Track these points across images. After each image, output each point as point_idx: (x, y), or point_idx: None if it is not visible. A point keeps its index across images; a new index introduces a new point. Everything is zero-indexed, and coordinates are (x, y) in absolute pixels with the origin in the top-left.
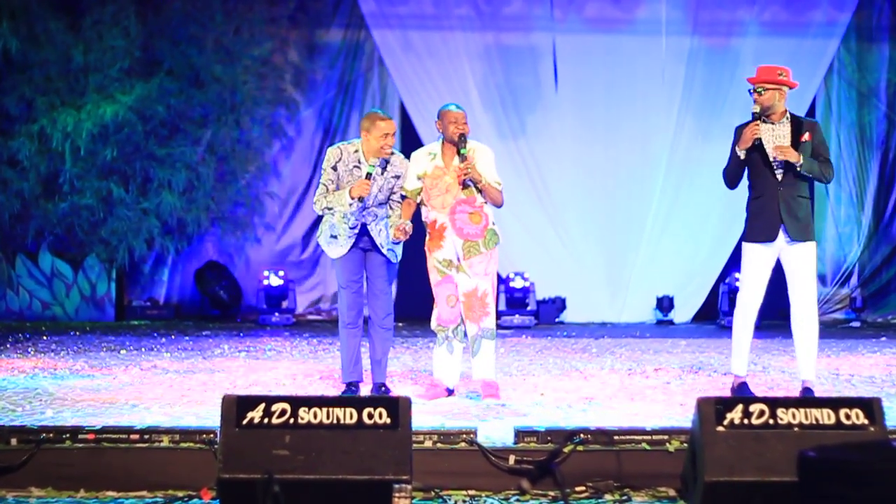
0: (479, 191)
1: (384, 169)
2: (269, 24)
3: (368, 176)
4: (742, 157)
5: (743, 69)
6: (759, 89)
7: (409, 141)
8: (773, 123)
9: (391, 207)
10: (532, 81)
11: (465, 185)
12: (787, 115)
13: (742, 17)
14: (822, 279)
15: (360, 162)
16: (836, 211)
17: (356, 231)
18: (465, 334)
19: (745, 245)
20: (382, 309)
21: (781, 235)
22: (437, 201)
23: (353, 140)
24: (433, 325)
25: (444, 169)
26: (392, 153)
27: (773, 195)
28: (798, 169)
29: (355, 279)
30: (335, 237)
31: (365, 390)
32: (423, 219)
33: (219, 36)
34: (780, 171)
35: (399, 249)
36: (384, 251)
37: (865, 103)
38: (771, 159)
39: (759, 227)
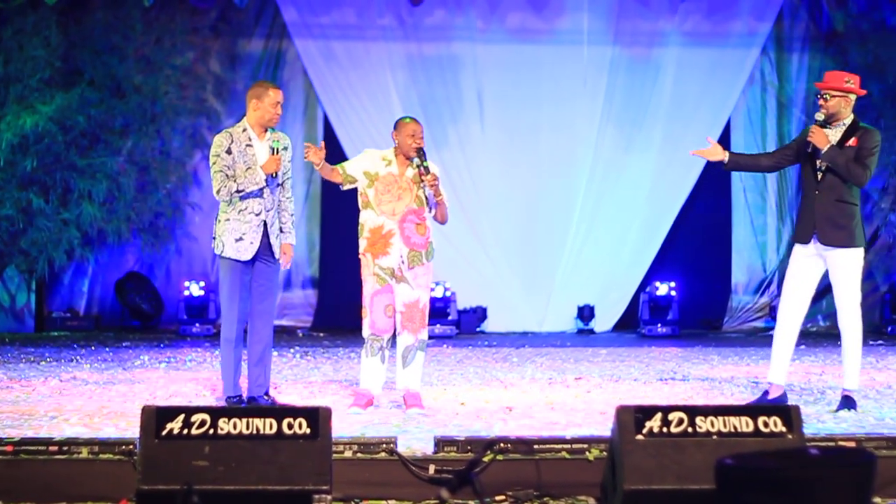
0: (434, 204)
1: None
2: (190, 34)
3: (275, 151)
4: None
5: (664, 79)
6: (826, 95)
7: (332, 151)
8: (831, 129)
9: (284, 188)
10: (454, 92)
11: (425, 198)
12: (850, 121)
13: (663, 28)
14: (737, 287)
15: (251, 139)
16: (755, 220)
17: (262, 218)
18: (394, 344)
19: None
20: (269, 324)
21: (817, 239)
22: (388, 207)
23: (236, 124)
24: (366, 333)
25: (398, 178)
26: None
27: (811, 197)
28: (820, 156)
29: (247, 290)
30: (241, 239)
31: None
32: (363, 221)
33: (140, 46)
34: (821, 172)
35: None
36: (276, 249)
37: (785, 113)
38: (809, 150)
39: (798, 228)
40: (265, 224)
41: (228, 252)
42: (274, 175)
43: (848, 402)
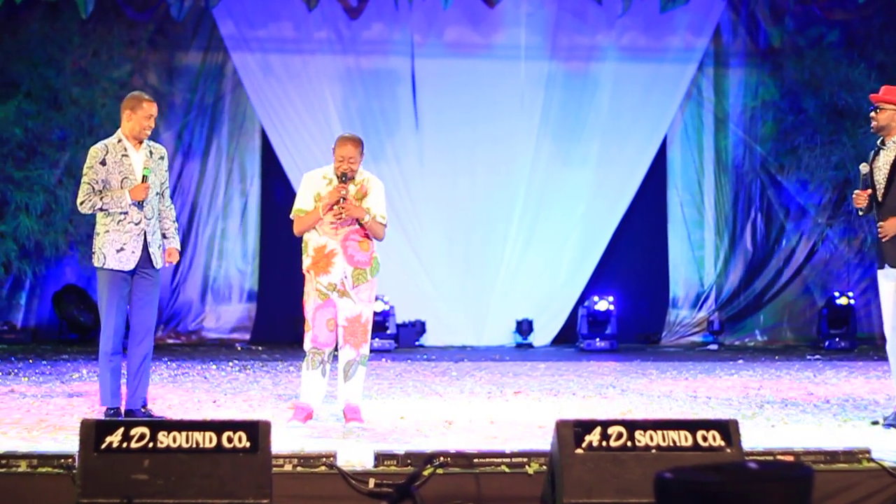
0: (362, 226)
1: (150, 156)
2: (127, 46)
3: (144, 179)
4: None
5: (601, 94)
6: (879, 107)
7: (269, 164)
8: (884, 146)
9: (164, 198)
10: (392, 105)
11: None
12: None
13: (600, 42)
14: (674, 302)
15: (126, 150)
16: (692, 234)
17: (142, 227)
18: (335, 358)
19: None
20: (149, 338)
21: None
22: (330, 227)
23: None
24: (307, 346)
25: None
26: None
27: (874, 220)
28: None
29: (126, 302)
30: (122, 249)
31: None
32: (307, 240)
33: (77, 58)
34: (876, 202)
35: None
36: (155, 259)
37: (722, 128)
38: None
39: (874, 252)
40: (145, 233)
41: (111, 263)
42: (141, 202)
43: None
